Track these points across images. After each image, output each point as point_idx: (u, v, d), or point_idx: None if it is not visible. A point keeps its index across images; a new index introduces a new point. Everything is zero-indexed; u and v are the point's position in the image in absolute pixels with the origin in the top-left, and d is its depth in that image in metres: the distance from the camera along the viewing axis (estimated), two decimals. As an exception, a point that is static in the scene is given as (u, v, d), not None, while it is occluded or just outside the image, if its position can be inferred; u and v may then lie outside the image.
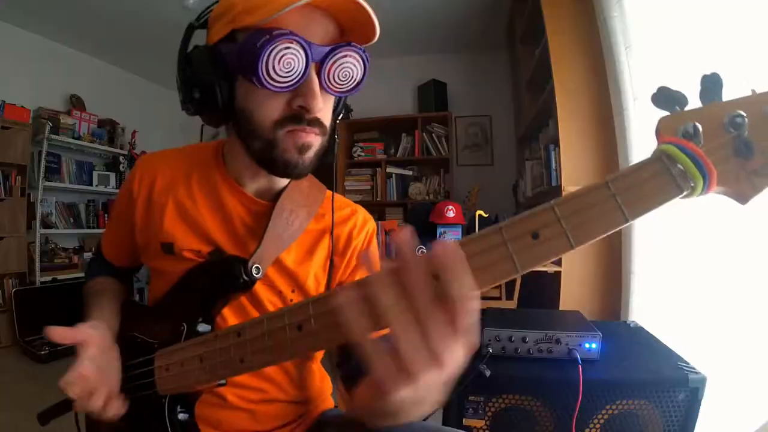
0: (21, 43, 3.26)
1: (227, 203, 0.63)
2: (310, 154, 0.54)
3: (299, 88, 0.50)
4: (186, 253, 0.61)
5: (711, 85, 0.32)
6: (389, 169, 3.72)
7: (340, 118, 0.63)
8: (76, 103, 3.60)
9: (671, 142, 0.30)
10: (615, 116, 1.60)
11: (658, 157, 0.30)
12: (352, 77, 0.53)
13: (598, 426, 0.89)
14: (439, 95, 3.68)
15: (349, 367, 0.63)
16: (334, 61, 0.51)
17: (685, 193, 0.30)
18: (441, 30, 3.45)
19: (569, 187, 1.80)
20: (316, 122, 0.53)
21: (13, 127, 2.99)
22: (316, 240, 0.66)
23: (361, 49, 0.52)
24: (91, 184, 3.64)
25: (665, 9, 1.42)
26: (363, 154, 3.76)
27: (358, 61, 0.52)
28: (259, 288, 0.60)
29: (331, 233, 0.65)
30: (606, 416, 0.89)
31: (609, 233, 0.30)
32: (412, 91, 3.93)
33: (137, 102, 4.17)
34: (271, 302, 0.63)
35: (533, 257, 0.30)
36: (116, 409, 0.54)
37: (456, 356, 0.29)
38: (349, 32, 0.53)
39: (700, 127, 0.30)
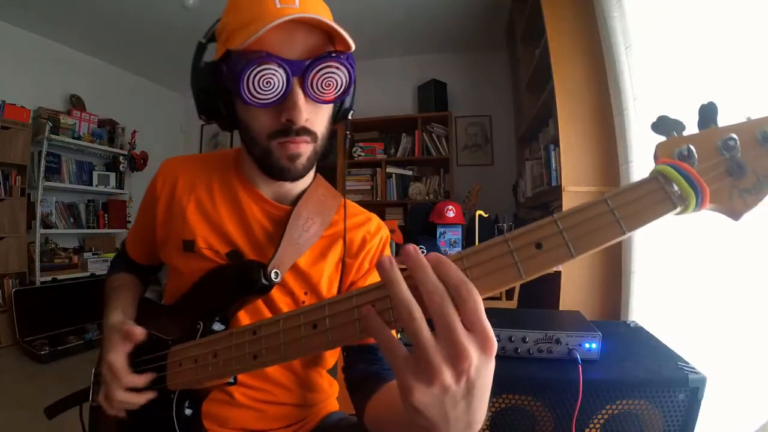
0: (21, 43, 3.26)
1: (245, 206, 0.66)
2: (302, 160, 0.58)
3: (284, 103, 0.54)
4: (205, 251, 0.63)
5: (707, 113, 0.34)
6: (389, 169, 3.72)
7: (340, 120, 0.65)
8: (76, 103, 3.60)
9: (666, 163, 0.33)
10: (615, 116, 1.60)
11: (654, 176, 0.33)
12: (337, 84, 0.55)
13: (598, 426, 0.89)
14: (439, 95, 3.67)
15: (354, 371, 0.64)
16: (316, 72, 0.53)
17: (678, 209, 0.32)
18: (441, 30, 3.45)
19: (569, 187, 1.80)
20: (304, 131, 0.56)
21: (13, 127, 2.99)
22: (329, 244, 0.68)
23: (343, 56, 0.53)
24: (91, 184, 3.64)
25: (665, 9, 1.42)
26: (363, 154, 3.76)
27: (339, 68, 0.54)
28: (274, 290, 0.62)
29: (344, 237, 0.67)
30: (606, 416, 0.89)
31: (608, 244, 0.32)
32: (412, 91, 3.92)
33: (137, 102, 4.17)
34: (284, 303, 0.65)
35: (537, 265, 0.33)
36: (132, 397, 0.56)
37: (471, 357, 0.30)
38: (336, 38, 0.55)
39: (693, 149, 0.33)
